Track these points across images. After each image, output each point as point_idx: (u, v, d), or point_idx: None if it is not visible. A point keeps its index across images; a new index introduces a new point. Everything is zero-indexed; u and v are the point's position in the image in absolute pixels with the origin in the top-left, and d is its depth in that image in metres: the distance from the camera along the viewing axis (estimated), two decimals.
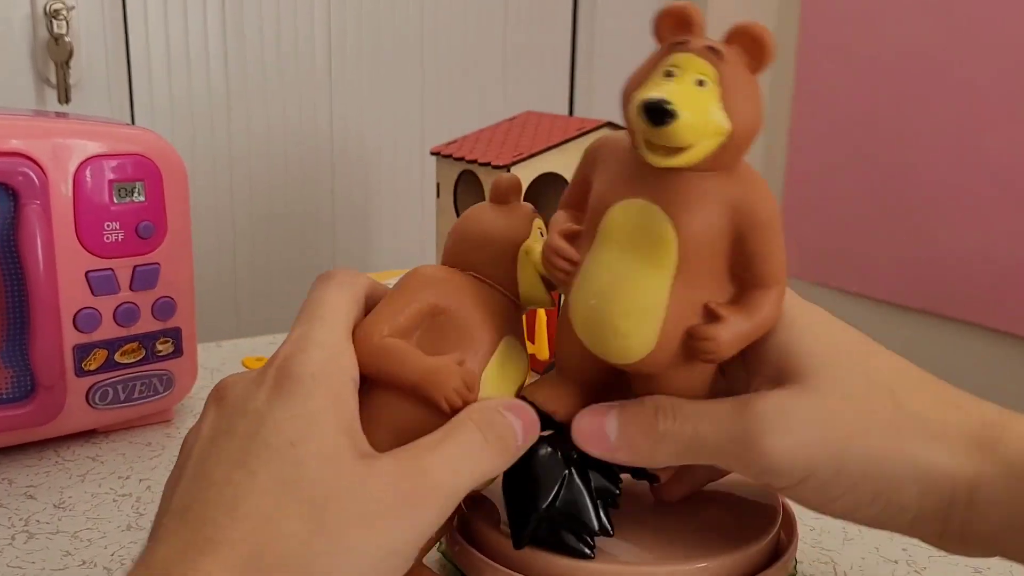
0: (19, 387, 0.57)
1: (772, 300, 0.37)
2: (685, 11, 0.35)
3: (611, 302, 0.36)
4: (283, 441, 0.33)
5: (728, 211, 0.36)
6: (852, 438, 0.36)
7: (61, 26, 0.98)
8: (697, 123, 0.33)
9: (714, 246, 0.36)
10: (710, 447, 0.37)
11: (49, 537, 0.50)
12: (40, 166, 0.54)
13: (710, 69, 0.34)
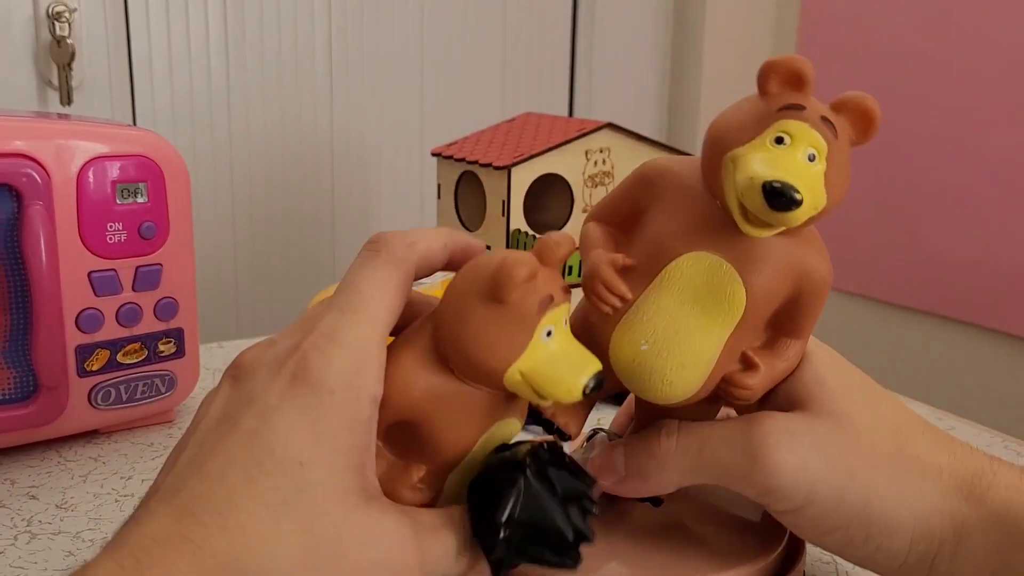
0: (21, 387, 0.57)
1: (799, 349, 0.38)
2: (800, 68, 0.34)
3: (665, 351, 0.36)
4: (290, 457, 0.31)
5: (793, 274, 0.36)
6: (856, 473, 0.36)
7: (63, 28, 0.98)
8: (811, 206, 0.33)
9: (772, 304, 0.36)
10: (718, 463, 0.37)
11: (51, 537, 0.51)
12: (43, 167, 0.54)
13: (822, 144, 0.33)
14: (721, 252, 0.36)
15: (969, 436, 0.68)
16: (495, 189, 0.80)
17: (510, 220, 0.79)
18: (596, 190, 0.83)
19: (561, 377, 0.33)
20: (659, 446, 0.38)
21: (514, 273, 0.32)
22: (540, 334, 0.34)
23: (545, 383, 0.33)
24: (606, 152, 0.83)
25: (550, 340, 0.34)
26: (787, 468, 0.36)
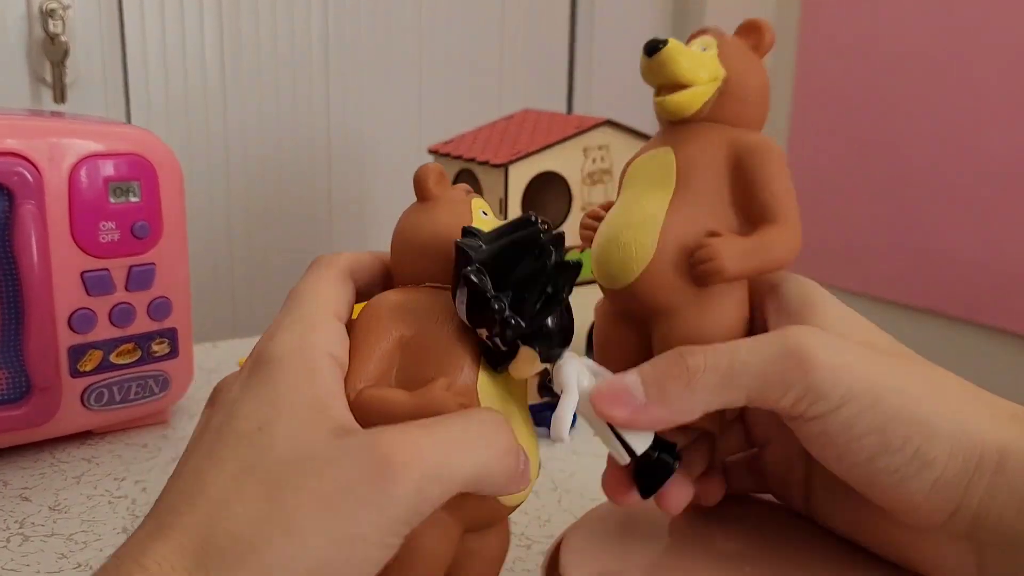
0: (14, 388, 0.56)
1: (778, 233, 0.38)
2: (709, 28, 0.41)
3: (616, 223, 0.39)
4: (251, 427, 0.32)
5: (724, 144, 0.39)
6: (892, 376, 0.34)
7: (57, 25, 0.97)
8: (685, 62, 0.38)
9: (711, 172, 0.39)
10: (750, 372, 0.34)
11: (44, 539, 0.50)
12: (35, 165, 0.54)
13: (712, 40, 0.40)
14: (663, 143, 0.40)
15: None
16: (492, 187, 0.79)
17: (508, 218, 0.78)
18: (594, 188, 0.83)
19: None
20: (685, 365, 0.35)
21: (428, 170, 0.39)
22: (476, 213, 0.39)
23: None
24: (604, 149, 0.82)
25: (489, 218, 0.39)
26: (826, 362, 0.34)
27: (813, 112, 1.52)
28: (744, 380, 0.34)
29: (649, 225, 0.38)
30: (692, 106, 0.39)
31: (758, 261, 0.37)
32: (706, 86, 0.39)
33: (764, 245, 0.37)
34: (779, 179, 0.38)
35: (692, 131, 0.40)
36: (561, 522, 0.52)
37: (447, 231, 0.38)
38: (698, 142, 0.39)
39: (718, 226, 0.38)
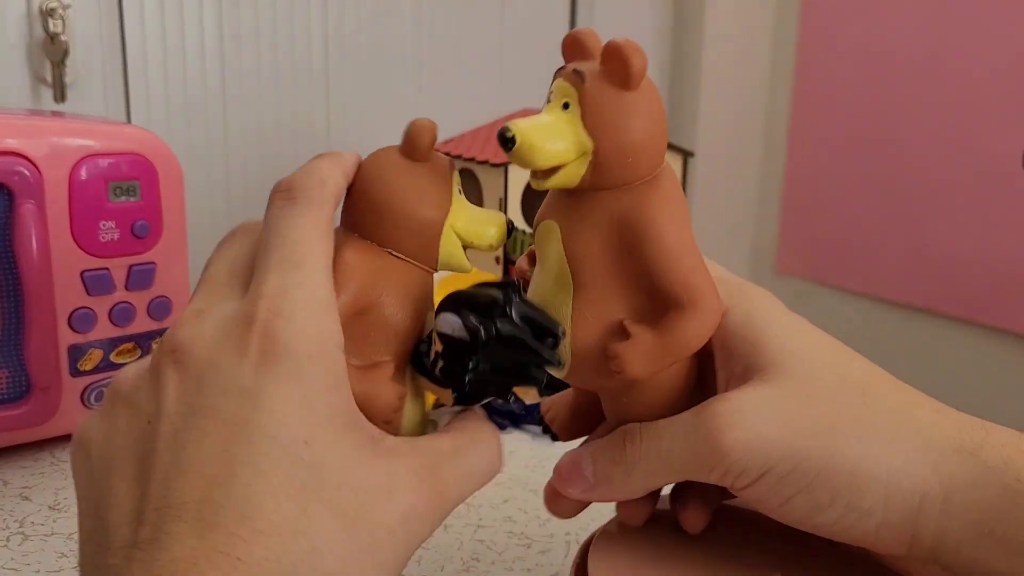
0: (14, 388, 0.56)
1: (687, 319, 0.36)
2: (578, 37, 0.36)
3: None
4: (292, 438, 0.29)
5: (611, 224, 0.36)
6: (814, 434, 0.34)
7: (57, 25, 0.97)
8: (541, 145, 0.34)
9: (604, 263, 0.36)
10: (676, 460, 0.36)
11: (44, 539, 0.50)
12: (35, 165, 0.54)
13: (573, 92, 0.35)
14: (553, 216, 0.37)
15: None
16: (492, 186, 0.79)
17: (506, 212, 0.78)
18: None
19: (488, 223, 0.38)
20: (624, 453, 0.37)
21: (426, 126, 0.37)
22: (456, 189, 0.37)
23: (478, 233, 0.37)
24: None
25: (462, 196, 0.38)
26: (738, 445, 0.34)
27: (812, 112, 1.52)
28: (674, 466, 0.36)
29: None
30: (570, 184, 0.36)
31: (670, 357, 0.36)
32: (576, 162, 0.35)
33: (673, 339, 0.36)
34: (671, 250, 0.35)
35: (576, 205, 0.37)
36: (560, 521, 0.52)
37: (427, 209, 0.36)
38: (583, 224, 0.36)
39: (625, 313, 0.37)
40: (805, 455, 0.34)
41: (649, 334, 0.36)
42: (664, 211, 0.36)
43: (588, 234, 0.36)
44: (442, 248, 0.37)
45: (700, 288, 0.36)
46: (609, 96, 0.35)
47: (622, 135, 0.35)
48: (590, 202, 0.36)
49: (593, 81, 0.35)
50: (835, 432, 0.34)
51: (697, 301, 0.36)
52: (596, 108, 0.35)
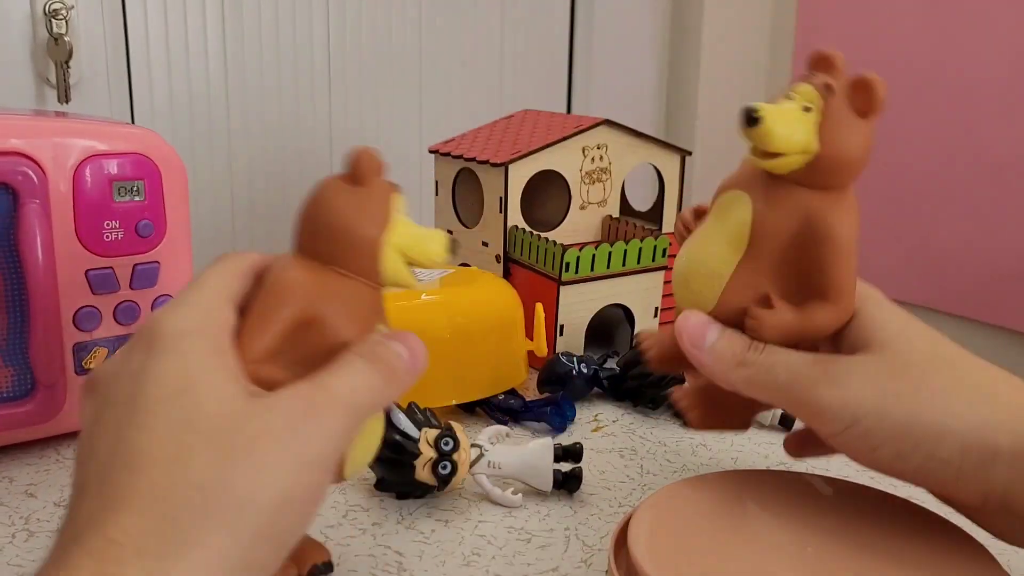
0: (19, 386, 0.57)
1: (825, 312, 0.42)
2: (830, 56, 0.43)
3: (691, 262, 0.45)
4: (171, 392, 0.34)
5: (801, 218, 0.42)
6: (902, 396, 0.40)
7: (61, 26, 0.98)
8: (780, 133, 0.40)
9: (782, 244, 0.42)
10: (778, 386, 0.42)
11: (49, 535, 0.51)
12: (40, 165, 0.54)
13: (818, 99, 0.41)
14: (746, 189, 0.43)
15: None
16: (493, 186, 0.80)
17: (507, 217, 0.79)
18: (593, 186, 0.83)
19: (430, 241, 0.41)
20: (744, 349, 0.43)
21: (367, 152, 0.39)
22: (396, 212, 0.40)
23: (419, 250, 0.40)
24: (603, 148, 0.83)
25: (405, 217, 0.40)
26: (835, 401, 0.40)
27: None
28: (772, 388, 0.43)
29: (715, 282, 0.44)
30: (780, 171, 0.41)
31: (799, 335, 0.43)
32: (796, 157, 0.41)
33: (809, 322, 0.43)
34: (839, 269, 0.42)
35: (774, 189, 0.42)
36: (560, 516, 0.53)
37: (367, 229, 0.39)
38: (776, 206, 0.42)
39: (774, 290, 0.43)
40: (891, 412, 0.39)
41: (790, 311, 0.43)
42: (846, 221, 0.42)
43: (779, 216, 0.42)
44: (384, 265, 0.40)
45: (847, 290, 0.42)
46: (848, 117, 0.41)
47: (845, 152, 0.41)
48: (788, 191, 0.42)
49: (840, 100, 0.41)
50: (920, 395, 0.40)
51: (841, 299, 0.42)
52: (835, 122, 0.41)
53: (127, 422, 0.33)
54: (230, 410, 0.34)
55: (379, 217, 0.40)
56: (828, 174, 0.41)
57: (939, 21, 1.33)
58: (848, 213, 0.42)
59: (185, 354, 0.35)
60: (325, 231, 0.39)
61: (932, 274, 1.39)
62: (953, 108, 1.33)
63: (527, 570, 0.47)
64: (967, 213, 1.33)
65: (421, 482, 0.52)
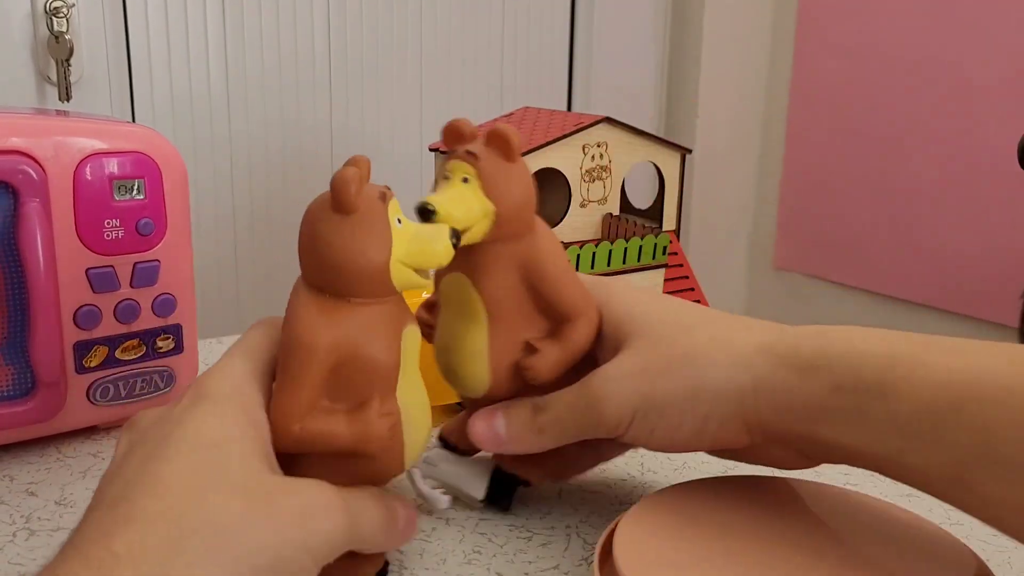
0: (20, 384, 0.57)
1: (578, 328, 0.47)
2: (456, 127, 0.46)
3: (450, 353, 0.48)
4: (203, 442, 0.36)
5: (514, 270, 0.46)
6: (656, 377, 0.44)
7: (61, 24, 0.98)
8: (456, 214, 0.43)
9: (513, 299, 0.46)
10: (573, 427, 0.46)
11: (50, 534, 0.51)
12: (40, 164, 0.54)
13: (470, 168, 0.44)
14: (461, 269, 0.46)
15: None
16: None
17: None
18: (594, 184, 0.83)
19: (432, 244, 0.41)
20: (534, 421, 0.46)
21: (348, 178, 0.38)
22: (393, 223, 0.40)
23: (423, 257, 0.41)
24: (603, 146, 0.83)
25: (403, 226, 0.41)
26: (612, 408, 0.44)
27: (810, 110, 1.53)
28: (571, 431, 0.46)
29: (478, 359, 0.47)
30: (476, 240, 0.44)
31: (570, 358, 0.47)
32: (481, 224, 0.44)
33: (570, 344, 0.47)
34: (568, 293, 0.46)
35: (482, 256, 0.45)
36: (561, 514, 0.53)
37: (369, 257, 0.39)
38: (491, 270, 0.46)
39: (532, 333, 0.47)
40: (653, 395, 0.44)
41: (553, 345, 0.47)
42: (550, 252, 0.46)
43: (496, 278, 0.46)
44: (394, 279, 0.40)
45: (582, 303, 0.47)
46: (501, 169, 0.44)
47: (514, 199, 0.44)
48: (493, 254, 0.45)
49: (485, 159, 0.44)
50: (672, 368, 0.44)
51: (582, 313, 0.47)
52: (493, 180, 0.44)
53: (156, 455, 0.36)
54: (255, 471, 0.36)
55: (379, 241, 0.40)
56: (512, 222, 0.45)
57: (939, 21, 1.33)
58: (548, 243, 0.46)
59: (223, 416, 0.38)
60: (329, 268, 0.40)
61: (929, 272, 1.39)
62: (953, 107, 1.33)
63: (528, 568, 0.47)
64: (964, 211, 1.33)
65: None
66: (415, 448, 0.44)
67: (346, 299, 0.40)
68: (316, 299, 0.40)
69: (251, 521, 0.35)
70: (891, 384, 0.39)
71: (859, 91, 1.44)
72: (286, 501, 0.37)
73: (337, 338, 0.39)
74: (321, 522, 0.37)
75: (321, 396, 0.40)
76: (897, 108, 1.38)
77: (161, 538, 0.32)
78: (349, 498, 0.39)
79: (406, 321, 0.43)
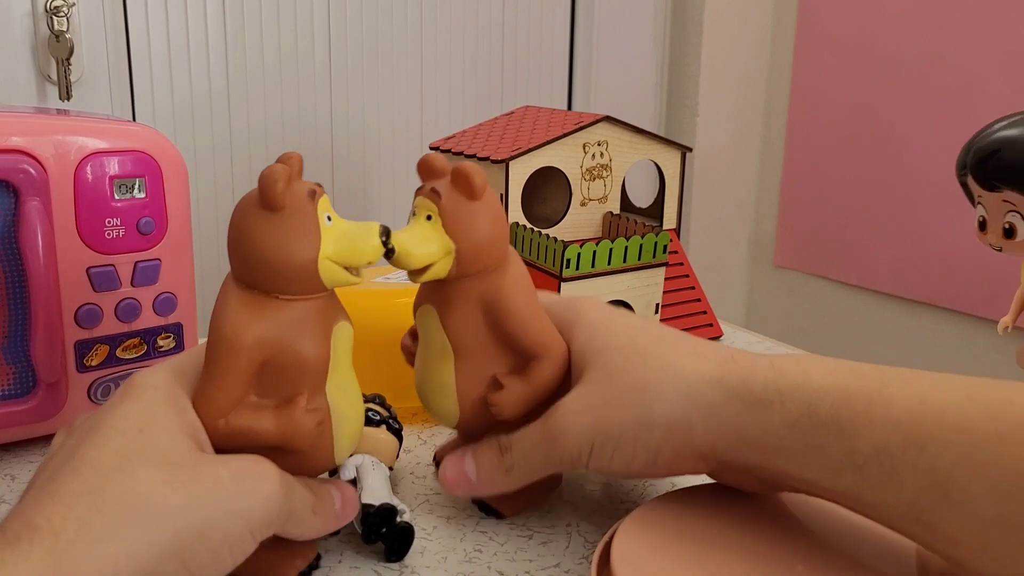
0: (21, 383, 0.57)
1: (543, 367, 0.47)
2: (428, 162, 0.47)
3: (421, 383, 0.49)
4: (130, 427, 0.37)
5: (479, 305, 0.46)
6: (610, 409, 0.44)
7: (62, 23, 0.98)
8: (415, 251, 0.43)
9: (477, 334, 0.47)
10: (539, 463, 0.47)
11: None
12: (41, 163, 0.55)
13: (433, 206, 0.45)
14: (431, 301, 0.47)
15: None
16: (493, 182, 0.80)
17: (508, 213, 0.79)
18: (594, 183, 0.83)
19: (362, 241, 0.41)
20: (501, 461, 0.47)
21: (276, 175, 0.39)
22: (322, 220, 0.40)
23: (353, 254, 0.41)
24: (604, 145, 0.83)
25: (332, 224, 0.41)
26: (572, 442, 0.45)
27: (810, 108, 1.53)
28: (538, 468, 0.47)
29: (447, 392, 0.48)
30: (440, 277, 0.45)
31: (536, 396, 0.48)
32: (443, 260, 0.44)
33: (535, 382, 0.47)
34: (532, 330, 0.47)
35: (448, 291, 0.46)
36: (561, 512, 0.53)
37: (296, 254, 0.39)
38: (456, 306, 0.46)
39: (499, 368, 0.48)
40: (608, 424, 0.44)
41: (518, 382, 0.47)
42: (514, 290, 0.46)
43: (460, 314, 0.46)
44: (323, 276, 0.41)
45: (547, 342, 0.47)
46: (463, 207, 0.45)
47: (475, 237, 0.44)
48: (457, 289, 0.46)
49: (448, 197, 0.44)
50: (623, 398, 0.44)
51: (548, 351, 0.47)
52: (454, 218, 0.44)
53: (84, 441, 0.37)
54: (180, 451, 0.37)
55: (306, 239, 0.40)
56: (475, 260, 0.45)
57: (940, 19, 1.33)
58: (514, 281, 0.46)
59: (149, 403, 0.39)
60: (256, 264, 0.40)
61: (929, 270, 1.39)
62: (955, 106, 1.33)
63: (529, 567, 0.48)
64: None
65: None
66: (345, 443, 0.45)
67: (274, 296, 0.40)
68: (244, 295, 0.40)
69: (175, 489, 0.35)
70: (848, 420, 0.38)
71: (860, 90, 1.45)
72: (215, 470, 0.37)
73: (263, 334, 0.40)
74: (254, 487, 0.38)
75: (248, 392, 0.41)
76: (898, 107, 1.39)
77: (82, 511, 0.33)
78: (284, 473, 0.40)
79: (337, 318, 0.43)
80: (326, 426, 0.43)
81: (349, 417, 0.44)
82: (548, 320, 0.48)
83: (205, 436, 0.40)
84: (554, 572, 0.47)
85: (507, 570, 0.47)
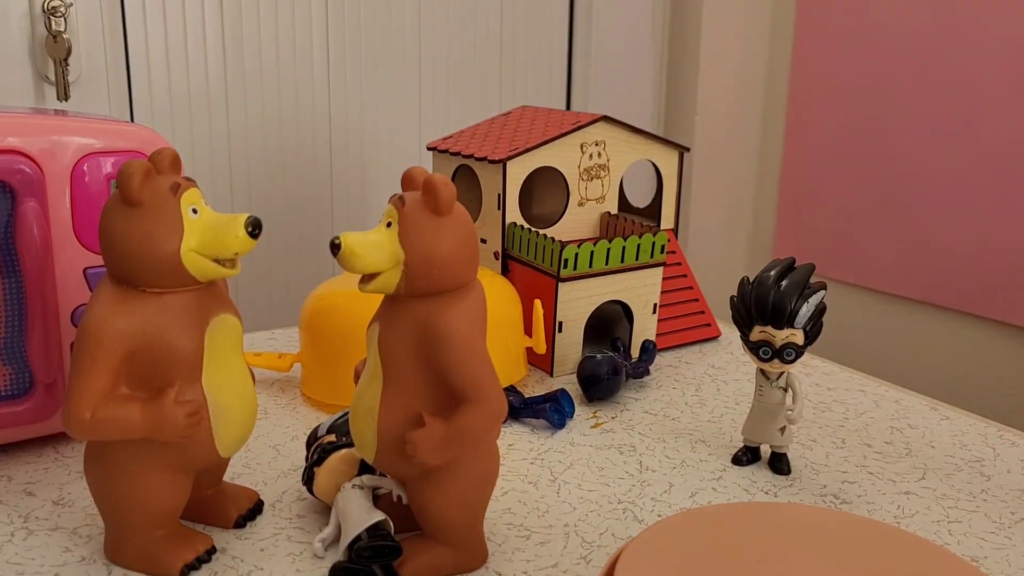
0: (17, 384, 0.57)
1: (473, 413, 0.42)
2: (410, 174, 0.45)
3: (352, 407, 0.46)
4: None
5: (417, 328, 0.42)
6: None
7: (59, 23, 0.98)
8: (360, 253, 0.41)
9: (409, 360, 0.43)
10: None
11: (48, 534, 0.51)
12: (37, 163, 0.54)
13: (395, 213, 0.43)
14: (378, 319, 0.45)
15: (966, 426, 0.68)
16: (491, 183, 0.80)
17: (506, 213, 0.79)
18: (591, 183, 0.83)
19: (225, 233, 0.41)
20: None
21: (132, 171, 0.39)
22: (187, 213, 0.40)
23: (217, 245, 0.41)
24: (601, 145, 0.83)
25: (199, 216, 0.41)
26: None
27: (809, 106, 1.53)
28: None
29: (368, 418, 0.44)
30: (387, 290, 0.43)
31: (456, 445, 0.43)
32: (391, 271, 0.42)
33: (459, 430, 0.42)
34: (466, 366, 0.42)
35: (394, 310, 0.44)
36: (559, 512, 0.53)
37: (158, 247, 0.40)
38: (394, 325, 0.43)
39: (424, 406, 0.43)
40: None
41: (440, 424, 0.42)
42: (459, 320, 0.42)
43: (397, 334, 0.43)
44: (191, 268, 0.41)
45: (484, 388, 0.42)
46: (423, 219, 0.42)
47: (429, 250, 0.42)
48: (403, 307, 0.43)
49: (411, 206, 0.42)
50: None
51: (482, 399, 0.42)
52: (410, 227, 0.42)
53: None
54: None
55: (167, 232, 0.41)
56: (425, 277, 0.42)
57: (938, 20, 1.33)
58: (461, 309, 0.43)
59: None
60: (121, 259, 0.41)
61: (929, 269, 1.39)
62: (954, 104, 1.33)
63: (526, 567, 0.47)
64: (964, 208, 1.33)
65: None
66: (229, 435, 0.45)
67: (141, 289, 0.41)
68: (114, 290, 0.41)
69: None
70: None
71: (858, 89, 1.45)
72: None
73: (126, 327, 0.40)
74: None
75: (118, 384, 0.41)
76: (897, 105, 1.39)
77: None
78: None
79: (214, 311, 0.44)
80: (202, 418, 0.43)
81: (232, 409, 0.45)
82: (491, 365, 0.43)
83: None
84: (552, 572, 0.47)
85: (504, 570, 0.47)
